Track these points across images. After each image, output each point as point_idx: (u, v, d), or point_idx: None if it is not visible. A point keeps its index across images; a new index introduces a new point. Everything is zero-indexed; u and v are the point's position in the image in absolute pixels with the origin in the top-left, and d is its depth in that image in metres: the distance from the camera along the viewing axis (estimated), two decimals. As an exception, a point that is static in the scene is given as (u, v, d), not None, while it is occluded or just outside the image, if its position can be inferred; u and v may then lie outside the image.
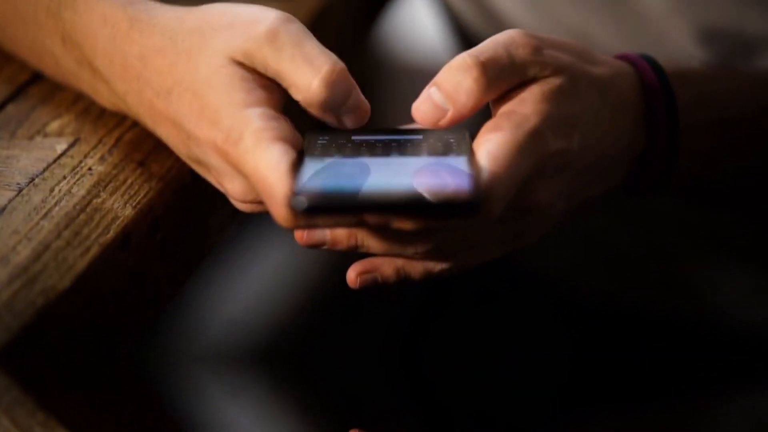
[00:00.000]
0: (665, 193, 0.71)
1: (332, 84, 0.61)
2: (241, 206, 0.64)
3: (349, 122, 0.62)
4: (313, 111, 0.62)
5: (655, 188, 0.70)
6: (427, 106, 0.62)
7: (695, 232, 0.96)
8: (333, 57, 0.62)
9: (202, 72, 0.62)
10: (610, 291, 1.00)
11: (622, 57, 0.69)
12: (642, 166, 0.69)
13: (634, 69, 0.68)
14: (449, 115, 0.61)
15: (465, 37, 0.96)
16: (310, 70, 0.61)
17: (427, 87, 0.62)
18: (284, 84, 0.62)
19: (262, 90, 0.62)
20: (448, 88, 0.61)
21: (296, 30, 0.62)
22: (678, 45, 0.84)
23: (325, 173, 0.57)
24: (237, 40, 0.62)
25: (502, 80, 0.61)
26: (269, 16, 0.62)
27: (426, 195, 0.55)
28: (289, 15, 0.63)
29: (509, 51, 0.61)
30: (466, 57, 0.61)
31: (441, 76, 0.61)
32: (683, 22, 0.83)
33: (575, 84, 0.62)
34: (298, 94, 0.61)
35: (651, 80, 0.67)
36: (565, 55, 0.64)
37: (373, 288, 0.64)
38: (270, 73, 0.62)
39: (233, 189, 0.63)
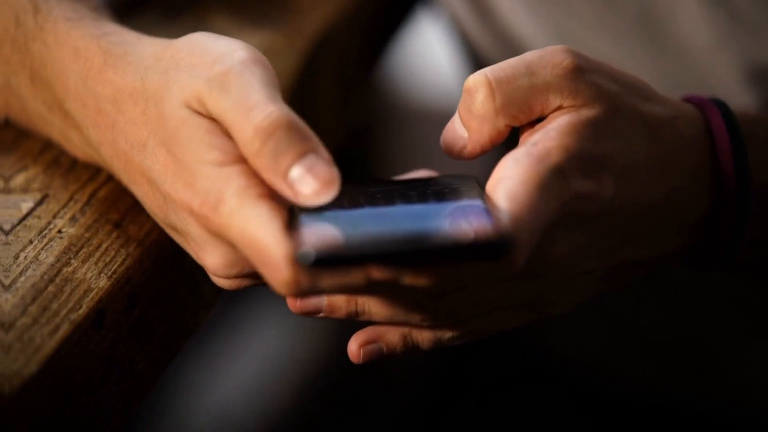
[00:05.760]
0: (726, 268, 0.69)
1: (268, 135, 0.57)
2: (224, 283, 0.63)
3: (303, 189, 0.57)
4: (258, 172, 0.58)
5: (720, 262, 0.68)
6: (450, 134, 0.62)
7: (743, 311, 0.95)
8: (277, 105, 0.58)
9: (170, 124, 0.61)
10: (645, 378, 1.00)
11: (689, 99, 0.67)
12: (704, 233, 0.66)
13: (701, 114, 0.66)
14: (468, 145, 0.61)
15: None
16: (247, 119, 0.58)
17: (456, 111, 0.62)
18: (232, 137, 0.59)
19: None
20: (462, 113, 0.61)
21: (252, 73, 0.59)
22: (722, 83, 0.83)
23: (327, 224, 0.56)
24: (194, 82, 0.60)
25: (518, 104, 0.60)
26: (234, 55, 0.60)
27: (447, 236, 0.54)
28: (258, 56, 0.61)
29: (532, 70, 0.60)
30: (476, 75, 0.61)
31: (460, 99, 0.61)
32: (729, 57, 0.83)
33: (614, 118, 0.61)
34: (241, 149, 0.58)
35: (719, 130, 0.66)
36: (613, 83, 0.62)
37: (378, 360, 0.63)
38: (222, 124, 0.59)
39: (214, 263, 0.61)
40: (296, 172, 0.57)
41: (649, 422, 1.00)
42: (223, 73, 0.59)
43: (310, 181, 0.57)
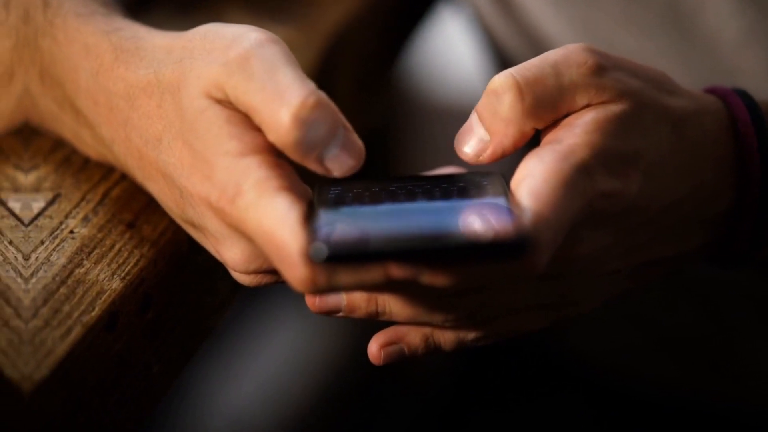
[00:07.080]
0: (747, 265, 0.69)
1: (305, 120, 0.58)
2: (243, 279, 0.63)
3: (335, 168, 0.60)
4: (291, 156, 0.59)
5: (740, 260, 0.68)
6: (468, 137, 0.61)
7: (765, 309, 0.95)
8: (309, 86, 0.58)
9: (187, 115, 0.60)
10: (665, 378, 1.00)
11: (711, 91, 0.67)
12: (726, 229, 0.66)
13: (724, 106, 0.66)
14: (490, 148, 0.61)
15: (506, 67, 0.95)
16: (280, 104, 0.58)
17: (472, 113, 0.61)
18: (256, 122, 0.59)
19: (256, 132, 0.60)
20: (485, 115, 0.61)
21: (273, 53, 0.59)
22: (750, 78, 0.83)
23: (345, 220, 0.57)
24: (211, 68, 0.60)
25: (546, 106, 0.60)
26: (249, 36, 0.60)
27: (464, 235, 0.54)
28: (272, 36, 0.61)
29: (558, 70, 0.60)
30: (503, 77, 0.60)
31: (480, 100, 0.61)
32: (758, 52, 0.82)
33: (640, 114, 0.61)
34: (269, 135, 0.59)
35: (744, 121, 0.65)
36: (635, 79, 0.62)
37: (400, 362, 0.63)
38: (242, 109, 0.59)
39: (233, 257, 0.61)
40: (331, 152, 0.59)
41: (669, 422, 1.00)
42: (241, 56, 0.59)
43: (344, 158, 0.59)
